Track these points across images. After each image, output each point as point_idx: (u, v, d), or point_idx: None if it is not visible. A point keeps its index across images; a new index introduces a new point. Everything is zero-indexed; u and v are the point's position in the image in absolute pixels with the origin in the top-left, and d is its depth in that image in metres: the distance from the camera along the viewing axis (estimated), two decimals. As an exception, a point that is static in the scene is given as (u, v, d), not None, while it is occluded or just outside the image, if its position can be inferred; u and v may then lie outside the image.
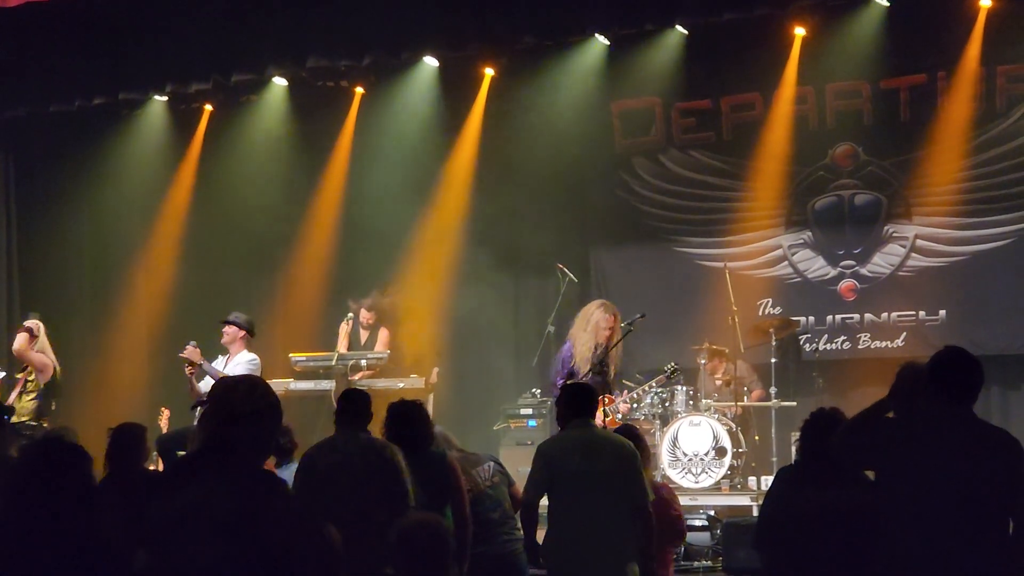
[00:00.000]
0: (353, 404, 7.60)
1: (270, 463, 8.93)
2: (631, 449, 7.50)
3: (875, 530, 5.59)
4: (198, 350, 11.67)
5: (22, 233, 14.92)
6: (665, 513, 7.91)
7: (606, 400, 10.69)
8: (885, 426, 5.65)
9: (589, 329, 11.30)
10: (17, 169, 14.90)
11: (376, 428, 7.68)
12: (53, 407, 12.29)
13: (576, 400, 7.65)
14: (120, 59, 13.37)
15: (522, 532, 8.29)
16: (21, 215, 14.92)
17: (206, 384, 11.30)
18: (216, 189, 14.92)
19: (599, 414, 10.35)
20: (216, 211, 14.93)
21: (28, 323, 12.37)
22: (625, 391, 11.66)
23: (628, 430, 8.20)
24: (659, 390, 12.39)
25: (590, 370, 11.05)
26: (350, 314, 13.62)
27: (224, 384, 4.49)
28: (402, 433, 7.40)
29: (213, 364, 11.67)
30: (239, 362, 11.73)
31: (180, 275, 14.92)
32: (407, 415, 7.46)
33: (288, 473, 7.74)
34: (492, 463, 8.39)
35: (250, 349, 12.01)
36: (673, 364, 12.12)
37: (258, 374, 11.72)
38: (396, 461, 7.35)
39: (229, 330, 11.98)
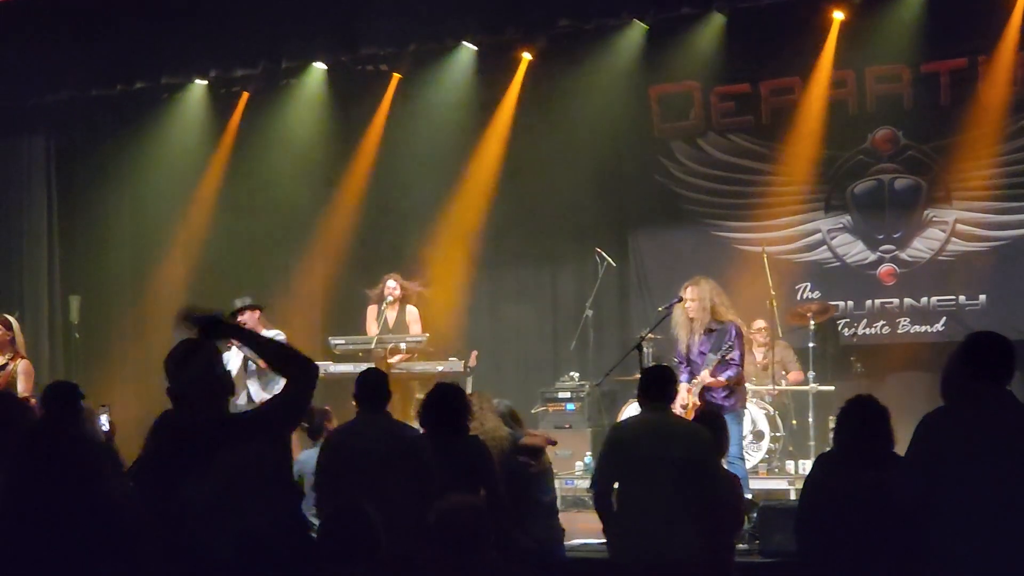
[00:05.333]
0: (370, 385, 7.45)
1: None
2: (706, 436, 7.20)
3: (910, 509, 5.59)
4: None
5: (63, 216, 15.02)
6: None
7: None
8: (935, 419, 5.64)
9: (680, 311, 10.64)
10: (58, 153, 15.00)
11: (400, 410, 7.66)
12: None
13: (651, 384, 7.35)
14: (163, 44, 13.43)
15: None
16: (62, 198, 15.03)
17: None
18: (252, 171, 14.98)
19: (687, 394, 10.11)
20: (253, 193, 15.00)
21: None
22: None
23: (709, 416, 7.84)
24: None
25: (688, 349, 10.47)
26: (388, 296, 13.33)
27: (174, 361, 4.78)
28: (440, 417, 7.27)
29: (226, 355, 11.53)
30: None
31: (218, 257, 14.99)
32: (445, 399, 7.31)
33: (314, 453, 7.82)
34: None
35: (270, 327, 11.99)
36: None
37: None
38: (419, 444, 7.30)
39: (245, 317, 11.92)
